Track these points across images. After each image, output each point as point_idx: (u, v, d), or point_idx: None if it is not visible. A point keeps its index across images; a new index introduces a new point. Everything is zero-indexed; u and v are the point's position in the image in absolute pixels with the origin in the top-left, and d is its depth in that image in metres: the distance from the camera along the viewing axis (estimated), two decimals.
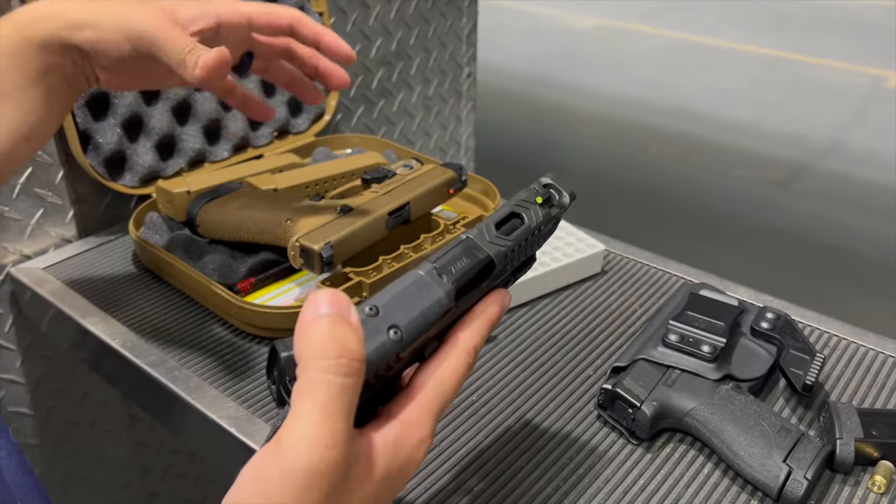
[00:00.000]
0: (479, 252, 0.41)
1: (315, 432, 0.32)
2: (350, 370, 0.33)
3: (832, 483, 0.54)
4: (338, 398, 0.33)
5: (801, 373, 0.60)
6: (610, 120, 3.31)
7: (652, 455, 0.57)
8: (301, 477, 0.32)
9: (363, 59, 1.16)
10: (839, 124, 3.25)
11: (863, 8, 5.12)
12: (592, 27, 4.81)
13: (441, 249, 0.40)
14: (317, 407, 0.32)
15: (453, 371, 0.39)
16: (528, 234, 0.44)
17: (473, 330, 0.41)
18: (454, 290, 0.39)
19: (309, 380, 0.33)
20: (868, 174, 2.79)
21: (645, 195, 2.58)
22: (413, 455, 0.37)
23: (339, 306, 0.34)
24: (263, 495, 0.32)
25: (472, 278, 0.41)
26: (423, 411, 0.38)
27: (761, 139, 3.07)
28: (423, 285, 0.38)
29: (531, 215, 0.44)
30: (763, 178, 2.77)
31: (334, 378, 0.33)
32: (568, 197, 0.47)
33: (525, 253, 0.45)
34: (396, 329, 0.36)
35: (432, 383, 0.39)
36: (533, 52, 4.22)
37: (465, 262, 0.40)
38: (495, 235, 0.42)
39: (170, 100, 0.87)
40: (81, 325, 0.72)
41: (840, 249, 2.31)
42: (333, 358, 0.33)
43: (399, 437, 0.37)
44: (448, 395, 0.39)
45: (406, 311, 0.37)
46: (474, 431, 0.59)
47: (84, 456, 1.00)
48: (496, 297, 0.43)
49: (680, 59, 4.20)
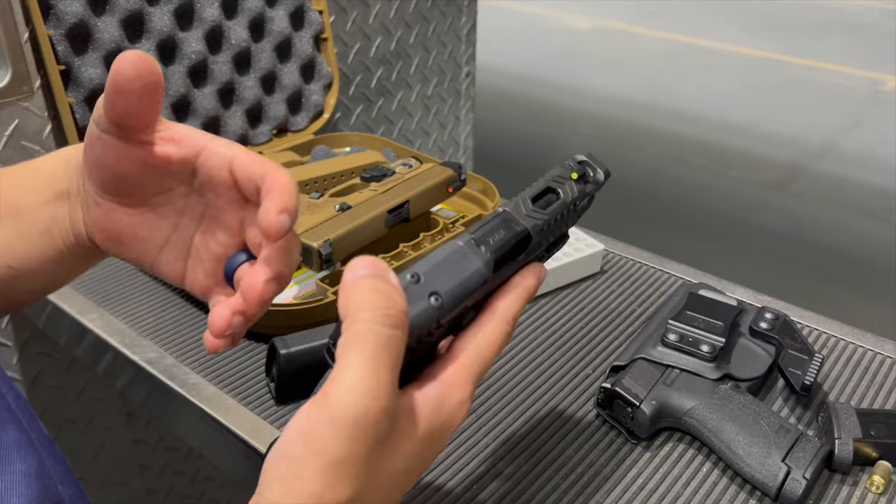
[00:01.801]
0: (517, 225, 0.42)
1: (363, 383, 0.32)
2: (397, 321, 0.34)
3: (831, 483, 0.55)
4: (385, 349, 0.33)
5: (799, 373, 0.60)
6: (608, 120, 3.32)
7: (651, 454, 0.57)
8: (350, 427, 0.32)
9: (363, 57, 1.16)
10: (836, 127, 3.26)
11: (860, 11, 5.13)
12: (590, 28, 4.82)
13: (478, 222, 0.41)
14: (365, 358, 0.33)
15: (492, 338, 0.40)
16: (564, 209, 0.44)
17: (511, 299, 0.42)
18: (492, 260, 0.40)
19: (357, 331, 0.33)
20: (864, 176, 2.80)
21: (643, 195, 2.58)
22: (454, 416, 0.38)
23: (378, 268, 0.35)
24: (311, 446, 0.33)
25: (509, 250, 0.41)
26: (463, 374, 0.38)
27: (758, 141, 3.08)
28: (462, 255, 0.39)
29: (566, 190, 0.45)
30: (760, 179, 2.77)
31: (382, 329, 0.33)
32: (603, 174, 0.47)
33: (560, 228, 0.45)
34: (437, 296, 0.37)
35: (472, 348, 0.39)
36: (531, 53, 4.22)
37: (503, 234, 0.41)
38: (532, 209, 0.43)
39: (169, 97, 0.87)
40: (79, 321, 0.72)
41: (837, 250, 2.31)
42: (380, 309, 0.33)
43: (440, 396, 0.37)
44: (487, 361, 0.40)
45: (446, 280, 0.37)
46: (473, 430, 0.59)
47: (81, 453, 1.00)
48: (533, 270, 0.44)
49: (677, 60, 4.21)
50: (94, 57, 0.79)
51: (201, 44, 0.88)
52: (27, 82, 0.78)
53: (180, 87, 0.87)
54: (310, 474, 0.32)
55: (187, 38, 0.87)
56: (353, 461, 0.33)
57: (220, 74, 0.91)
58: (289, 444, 0.33)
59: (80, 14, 0.77)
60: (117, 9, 0.80)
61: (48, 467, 0.37)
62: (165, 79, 0.86)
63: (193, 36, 0.87)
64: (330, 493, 0.33)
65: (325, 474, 0.33)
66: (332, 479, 0.33)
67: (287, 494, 0.33)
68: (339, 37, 1.11)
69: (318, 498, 0.33)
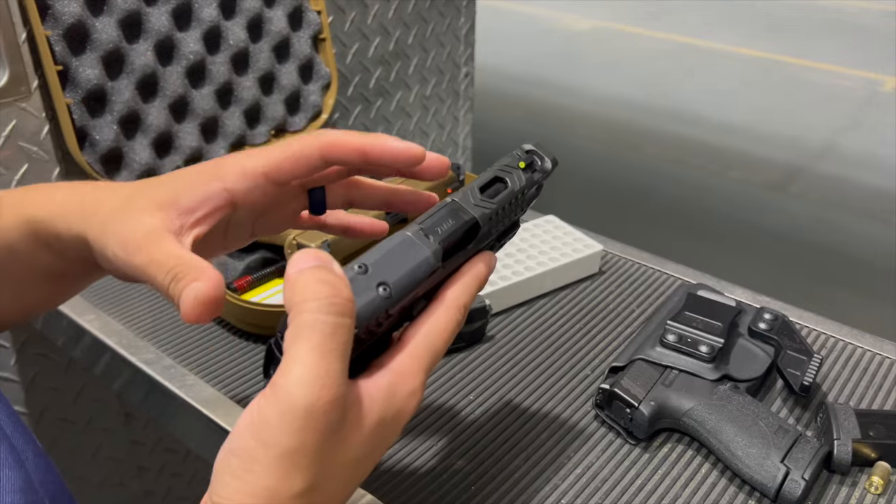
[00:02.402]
0: (465, 214, 0.42)
1: (311, 372, 0.32)
2: (342, 309, 0.34)
3: (829, 484, 0.54)
4: (331, 338, 0.33)
5: (798, 373, 0.60)
6: (607, 121, 3.32)
7: (650, 455, 0.57)
8: (299, 416, 0.32)
9: (361, 58, 1.16)
10: (835, 127, 3.26)
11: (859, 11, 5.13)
12: (589, 29, 4.82)
13: (427, 212, 0.41)
14: (312, 347, 0.33)
15: (443, 326, 0.40)
16: (512, 197, 0.45)
17: (461, 287, 0.42)
18: (441, 249, 0.40)
19: (302, 322, 0.33)
20: (864, 177, 2.80)
21: (642, 196, 2.58)
22: (405, 406, 0.38)
23: (321, 259, 0.35)
24: (262, 439, 0.32)
25: (458, 239, 0.42)
26: (414, 363, 0.38)
27: (757, 141, 3.08)
28: (410, 245, 0.39)
29: (514, 179, 0.45)
30: (759, 179, 2.77)
31: (327, 318, 0.33)
32: (550, 162, 0.47)
33: (509, 217, 0.46)
34: (385, 286, 0.37)
35: (422, 337, 0.39)
36: (530, 53, 4.22)
37: (451, 224, 0.41)
38: (480, 199, 0.43)
39: (167, 97, 0.86)
40: (76, 322, 0.72)
41: (836, 251, 2.31)
42: (325, 298, 0.33)
43: (391, 386, 0.37)
44: (438, 350, 0.40)
45: (394, 269, 0.38)
46: (472, 431, 0.59)
47: (79, 454, 1.00)
48: (483, 258, 0.44)
49: (676, 61, 4.21)
50: (92, 57, 0.79)
51: (199, 44, 0.88)
52: (24, 83, 0.78)
53: (178, 88, 0.87)
54: (261, 467, 0.32)
55: (185, 38, 0.87)
56: (305, 452, 0.33)
57: (218, 75, 0.90)
58: (239, 438, 0.33)
59: (78, 14, 0.77)
60: (115, 9, 0.80)
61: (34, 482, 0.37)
62: (163, 79, 0.86)
63: (191, 36, 0.87)
64: (283, 484, 0.32)
65: (277, 466, 0.32)
66: (284, 471, 0.32)
67: (240, 489, 0.32)
68: (337, 37, 1.11)
69: (272, 491, 0.32)
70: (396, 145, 0.43)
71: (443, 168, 0.47)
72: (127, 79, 0.82)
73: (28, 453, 0.39)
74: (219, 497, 0.33)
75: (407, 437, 0.59)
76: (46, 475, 0.40)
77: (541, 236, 0.81)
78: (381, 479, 0.55)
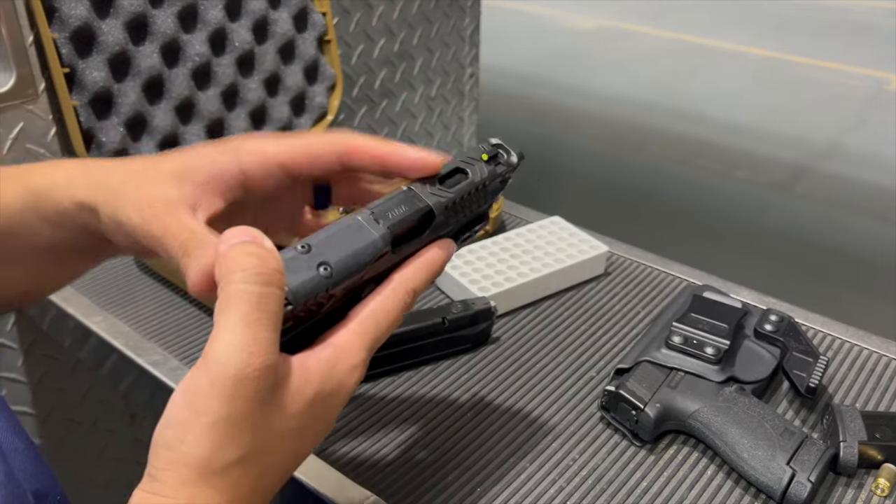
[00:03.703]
0: (419, 202, 0.43)
1: (239, 340, 0.33)
2: (269, 279, 0.34)
3: (835, 486, 0.54)
4: (258, 307, 0.34)
5: (804, 375, 0.60)
6: (612, 121, 3.31)
7: (655, 457, 0.57)
8: (229, 384, 0.32)
9: (366, 59, 1.16)
10: (841, 126, 3.25)
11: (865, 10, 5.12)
12: (594, 28, 4.82)
13: (382, 198, 0.42)
14: (239, 317, 0.33)
15: (389, 306, 0.40)
16: (472, 188, 0.45)
17: (411, 270, 0.42)
18: (389, 234, 0.40)
19: (229, 293, 0.34)
20: (870, 177, 2.79)
21: (646, 196, 2.58)
22: (345, 380, 0.38)
23: (251, 235, 0.36)
24: (193, 408, 0.33)
25: (411, 226, 0.42)
26: (355, 339, 0.39)
27: (763, 141, 3.07)
28: (357, 228, 0.40)
29: (476, 171, 0.46)
30: (765, 179, 2.77)
31: (254, 287, 0.34)
32: (516, 156, 0.48)
33: (471, 209, 0.46)
34: (327, 266, 0.37)
35: (367, 314, 0.40)
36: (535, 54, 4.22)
37: (403, 210, 0.42)
38: (438, 188, 0.44)
39: (173, 99, 0.87)
40: (83, 324, 0.72)
41: (842, 251, 2.31)
42: (251, 268, 0.34)
43: (331, 359, 0.37)
44: (382, 328, 0.40)
45: (338, 251, 0.38)
46: (478, 432, 0.59)
47: (85, 455, 1.00)
48: (440, 244, 0.44)
49: (681, 60, 4.20)
50: (99, 60, 0.79)
51: (205, 46, 0.88)
52: (31, 85, 0.78)
53: (184, 90, 0.87)
54: (194, 437, 0.32)
55: (191, 40, 0.87)
56: (236, 420, 0.33)
57: (223, 77, 0.91)
58: (173, 410, 0.33)
59: (85, 17, 0.77)
60: (121, 11, 0.80)
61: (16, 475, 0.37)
62: (169, 81, 0.86)
63: (197, 38, 0.87)
64: (217, 454, 0.33)
65: (209, 435, 0.32)
66: (217, 440, 0.33)
67: (174, 460, 0.33)
68: (342, 38, 1.11)
69: (205, 460, 0.32)
70: (415, 156, 0.44)
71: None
72: (133, 81, 0.83)
73: (18, 444, 0.39)
74: (154, 469, 0.33)
75: (412, 437, 0.59)
76: (35, 468, 0.40)
77: (546, 237, 0.81)
78: (385, 480, 0.55)
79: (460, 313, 0.66)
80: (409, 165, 0.44)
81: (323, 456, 0.57)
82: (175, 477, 0.32)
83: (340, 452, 0.57)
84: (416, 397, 0.63)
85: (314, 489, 0.54)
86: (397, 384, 0.64)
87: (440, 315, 0.66)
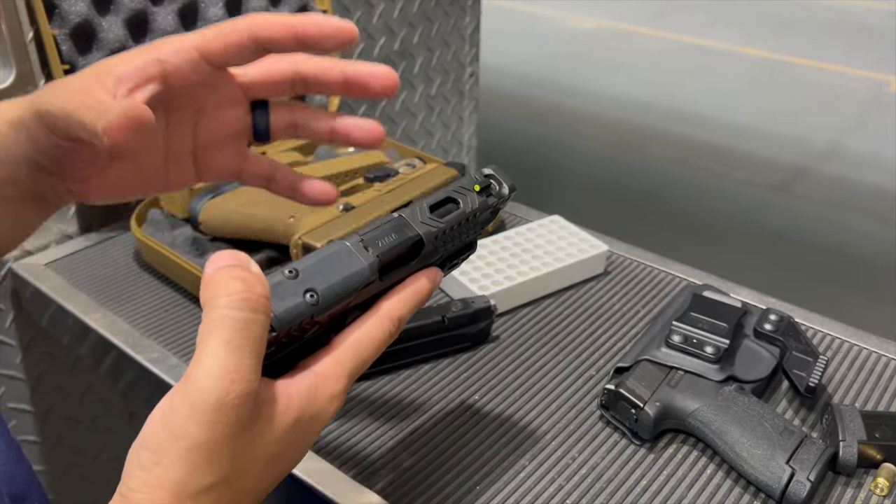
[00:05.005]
0: (409, 230, 0.42)
1: (222, 366, 0.33)
2: (255, 305, 0.34)
3: (835, 485, 0.54)
4: (242, 333, 0.33)
5: (804, 375, 0.60)
6: (611, 121, 3.31)
7: (655, 456, 0.57)
8: (209, 410, 0.32)
9: (366, 57, 1.16)
10: (841, 128, 3.25)
11: (864, 11, 5.12)
12: (594, 29, 4.82)
13: (372, 224, 0.42)
14: (222, 342, 0.33)
15: (373, 335, 0.40)
16: (462, 218, 0.45)
17: (397, 300, 0.42)
18: (378, 262, 0.40)
19: (213, 317, 0.34)
20: (869, 178, 2.79)
21: (646, 196, 2.58)
22: (325, 409, 0.38)
23: (238, 259, 0.35)
24: (171, 431, 0.32)
25: (399, 254, 0.42)
26: (337, 367, 0.38)
27: (762, 142, 3.07)
28: (346, 255, 0.39)
29: (467, 201, 0.45)
30: (765, 180, 2.77)
31: (238, 313, 0.33)
32: (508, 188, 0.48)
33: (461, 238, 0.46)
34: (313, 293, 0.37)
35: (350, 343, 0.39)
36: (535, 53, 4.22)
37: (394, 238, 0.41)
38: (428, 217, 0.43)
39: None
40: (82, 321, 0.72)
41: (841, 252, 2.31)
42: (236, 294, 0.34)
43: (312, 387, 0.37)
44: (364, 357, 0.40)
45: (325, 277, 0.38)
46: (477, 430, 0.59)
47: (84, 453, 1.00)
48: (427, 273, 0.44)
49: (681, 61, 4.20)
50: (99, 57, 0.79)
51: None
52: (31, 82, 0.78)
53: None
54: (169, 460, 0.32)
55: None
56: (215, 445, 0.33)
57: None
58: (150, 431, 0.33)
59: (85, 14, 0.77)
60: (121, 8, 0.80)
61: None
62: None
63: None
64: (192, 478, 0.32)
65: (185, 460, 0.32)
66: (193, 464, 0.32)
67: (148, 482, 0.32)
68: None
69: (180, 484, 0.32)
70: (328, 23, 0.42)
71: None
72: None
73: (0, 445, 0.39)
74: (128, 489, 0.33)
75: (411, 435, 0.59)
76: (15, 470, 0.40)
77: (546, 236, 0.81)
78: (384, 477, 0.55)
79: (460, 312, 0.66)
80: (324, 34, 0.42)
81: (322, 453, 0.57)
82: (148, 499, 0.32)
83: (339, 450, 0.57)
84: (415, 395, 0.63)
85: (312, 486, 0.54)
86: (396, 382, 0.64)
87: (440, 313, 0.66)
